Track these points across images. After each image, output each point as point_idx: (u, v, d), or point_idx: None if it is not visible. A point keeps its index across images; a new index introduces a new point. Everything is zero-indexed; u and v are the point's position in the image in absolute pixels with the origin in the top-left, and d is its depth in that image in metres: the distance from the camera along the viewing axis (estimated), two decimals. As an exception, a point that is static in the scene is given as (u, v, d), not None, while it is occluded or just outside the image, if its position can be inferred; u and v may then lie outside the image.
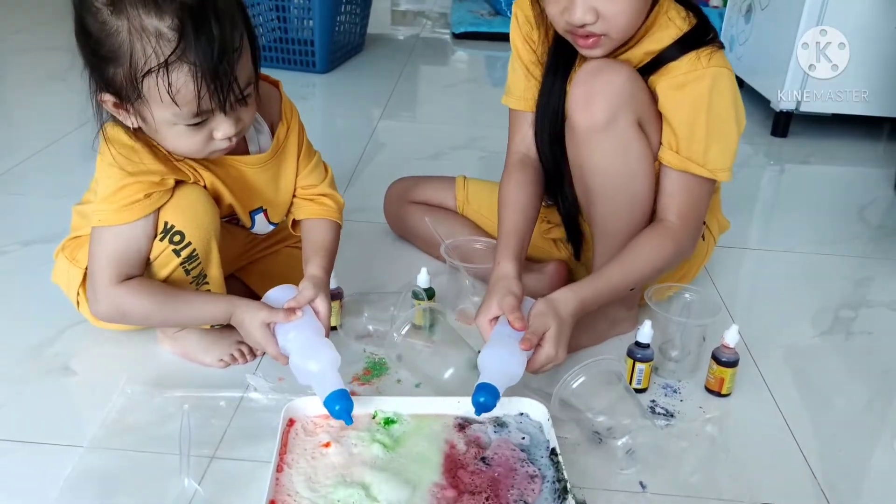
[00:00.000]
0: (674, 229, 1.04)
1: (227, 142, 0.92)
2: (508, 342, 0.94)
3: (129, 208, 0.93)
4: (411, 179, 1.46)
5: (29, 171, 1.73)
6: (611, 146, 1.02)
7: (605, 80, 1.00)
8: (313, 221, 1.11)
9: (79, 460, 0.88)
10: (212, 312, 0.99)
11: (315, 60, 2.62)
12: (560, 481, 0.84)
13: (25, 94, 2.34)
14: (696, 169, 1.03)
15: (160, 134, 0.91)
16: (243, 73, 0.88)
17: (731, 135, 1.04)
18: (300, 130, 1.09)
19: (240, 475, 0.88)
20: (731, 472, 0.92)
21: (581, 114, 1.02)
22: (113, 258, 0.94)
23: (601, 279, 1.02)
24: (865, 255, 1.56)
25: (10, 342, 1.10)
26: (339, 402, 0.88)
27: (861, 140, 2.25)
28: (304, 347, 0.93)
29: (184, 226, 0.96)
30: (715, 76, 0.99)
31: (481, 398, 0.89)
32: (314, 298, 0.98)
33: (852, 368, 1.17)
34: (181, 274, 0.99)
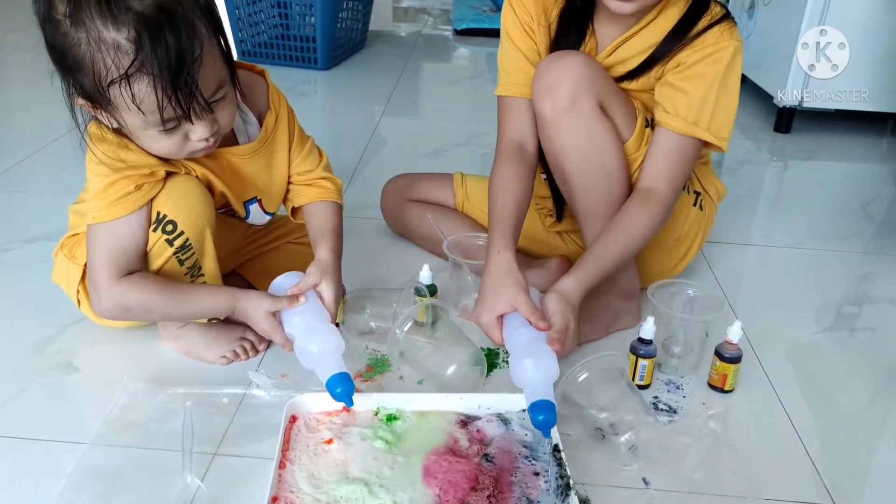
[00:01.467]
0: (662, 195, 1.08)
1: (203, 143, 0.92)
2: (537, 346, 0.93)
3: (122, 202, 0.93)
4: (408, 178, 1.45)
5: (30, 168, 1.73)
6: (576, 127, 1.06)
7: (563, 68, 1.05)
8: (314, 205, 1.11)
9: (81, 457, 0.88)
10: (214, 304, 0.99)
11: (317, 57, 2.62)
12: (563, 478, 0.84)
13: (25, 93, 2.34)
14: (702, 134, 1.07)
15: (136, 137, 0.91)
16: (210, 79, 0.87)
17: (734, 106, 1.10)
18: (290, 117, 1.09)
19: (242, 472, 0.88)
20: (734, 469, 0.92)
21: (546, 101, 1.06)
22: (111, 254, 0.94)
23: (600, 259, 1.05)
24: (869, 251, 1.56)
25: (12, 339, 1.11)
26: (340, 385, 0.89)
27: (864, 136, 2.24)
28: (307, 331, 0.94)
29: (176, 215, 0.95)
30: (735, 50, 1.06)
31: (540, 416, 0.86)
32: (319, 283, 0.98)
33: (855, 365, 1.17)
34: (175, 265, 0.98)
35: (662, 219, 1.09)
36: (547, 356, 0.92)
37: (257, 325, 0.97)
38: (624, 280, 1.17)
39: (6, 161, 1.75)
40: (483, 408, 0.95)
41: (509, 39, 1.17)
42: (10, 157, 1.77)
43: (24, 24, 3.07)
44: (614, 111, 1.08)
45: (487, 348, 1.12)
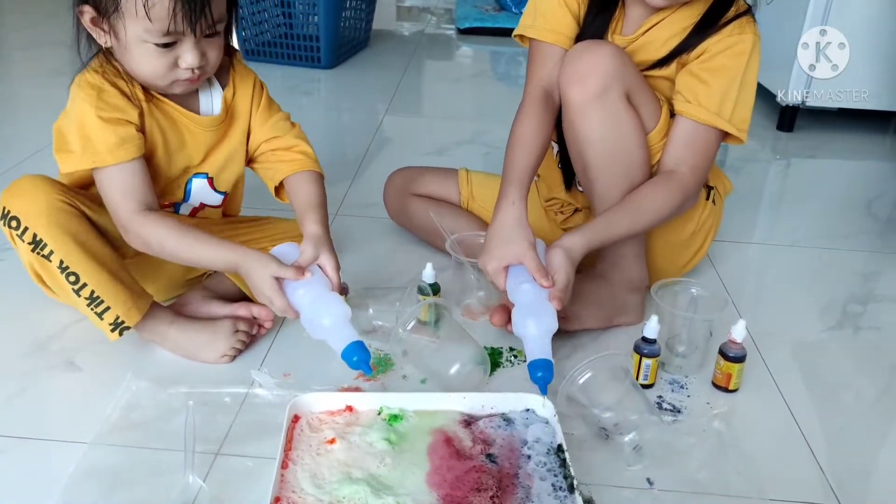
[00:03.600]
0: (684, 180, 1.10)
1: (189, 72, 0.96)
2: (539, 304, 0.98)
3: (123, 148, 0.97)
4: (412, 171, 1.45)
5: (33, 167, 1.72)
6: (603, 117, 1.07)
7: (595, 56, 1.06)
8: (294, 178, 1.11)
9: (83, 457, 0.88)
10: (222, 256, 0.99)
11: (320, 56, 2.62)
12: (566, 478, 0.83)
13: (29, 91, 2.34)
14: (723, 125, 1.09)
15: (129, 53, 0.95)
16: (218, 5, 0.93)
17: (752, 101, 1.11)
18: (254, 92, 1.11)
19: (244, 472, 0.88)
20: (738, 468, 0.91)
21: (575, 87, 1.07)
22: (127, 191, 0.98)
23: (608, 223, 1.07)
24: (874, 249, 1.55)
25: (15, 337, 1.10)
26: (356, 354, 0.90)
27: (868, 134, 2.23)
28: (315, 303, 0.94)
29: (20, 211, 0.98)
30: (755, 42, 1.09)
31: (539, 373, 0.94)
32: (317, 257, 0.99)
33: (860, 363, 1.16)
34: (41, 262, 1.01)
35: (681, 201, 1.10)
36: (548, 314, 0.98)
37: (260, 289, 0.96)
38: (632, 270, 1.17)
39: (10, 159, 1.75)
40: (486, 407, 0.94)
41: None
42: (13, 155, 1.77)
43: (28, 23, 3.08)
44: (640, 102, 1.09)
45: (491, 347, 1.11)
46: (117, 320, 1.01)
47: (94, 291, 1.00)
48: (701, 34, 1.09)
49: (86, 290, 1.00)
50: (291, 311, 0.96)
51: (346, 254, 1.10)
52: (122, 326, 1.02)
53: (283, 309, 0.96)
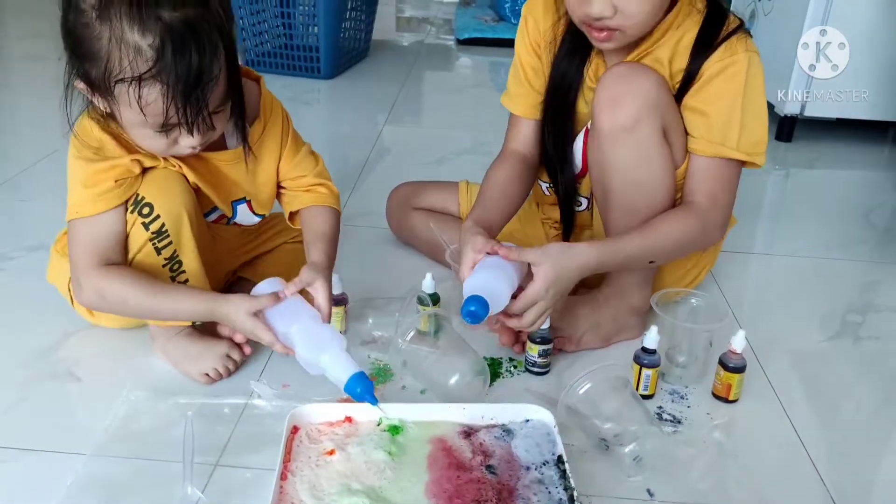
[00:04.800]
0: (702, 209, 1.05)
1: (190, 150, 0.93)
2: (491, 267, 0.96)
3: (103, 198, 0.94)
4: (413, 185, 1.46)
5: (35, 176, 1.73)
6: (634, 149, 1.03)
7: (634, 84, 1.02)
8: (310, 210, 1.11)
9: (82, 468, 0.88)
10: (192, 306, 0.97)
11: (320, 66, 2.63)
12: (567, 489, 0.83)
13: (31, 101, 2.35)
14: (729, 153, 1.04)
15: (127, 130, 0.93)
16: (216, 97, 0.89)
17: (764, 118, 1.06)
18: (283, 123, 1.09)
19: (243, 483, 0.87)
20: (739, 479, 0.91)
21: (607, 115, 1.03)
22: (91, 245, 0.95)
23: (621, 245, 1.03)
24: (873, 259, 1.55)
25: (14, 347, 1.10)
26: (359, 385, 0.89)
27: (866, 144, 2.24)
28: (309, 339, 0.93)
29: (154, 198, 0.96)
30: (750, 60, 1.02)
31: (472, 307, 0.91)
32: (312, 283, 0.98)
33: (860, 373, 1.16)
34: (151, 253, 0.98)
35: (700, 231, 1.06)
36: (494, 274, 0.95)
37: (241, 327, 0.96)
38: (635, 296, 1.15)
39: (11, 169, 1.75)
40: (486, 418, 0.94)
41: (518, 56, 1.17)
42: (14, 165, 1.78)
43: (31, 32, 3.09)
44: (674, 138, 1.05)
45: (490, 358, 1.11)
46: None
47: (187, 281, 1.02)
48: (700, 57, 1.03)
49: (181, 278, 1.02)
50: (279, 345, 0.95)
51: (346, 264, 1.10)
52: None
53: (270, 342, 0.95)
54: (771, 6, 2.28)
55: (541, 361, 1.08)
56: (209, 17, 0.85)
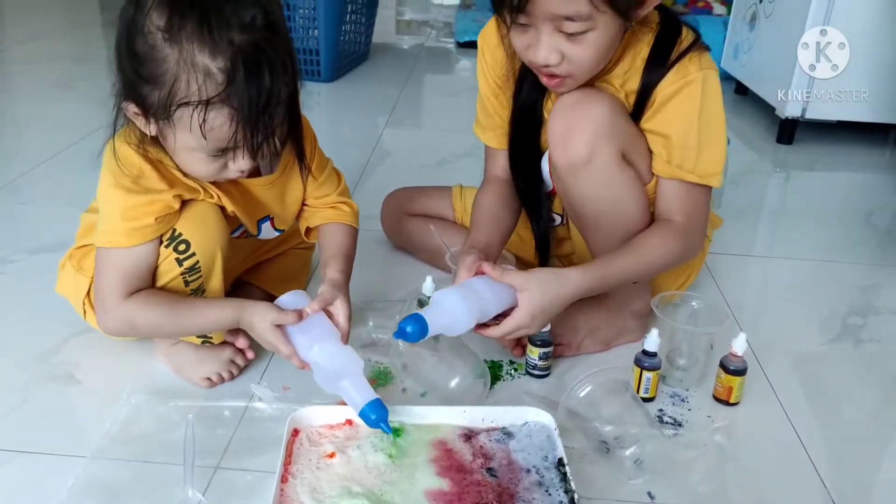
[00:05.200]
0: (681, 228, 1.04)
1: (239, 173, 0.91)
2: (469, 294, 0.93)
3: (140, 232, 0.92)
4: (406, 192, 1.45)
5: (36, 179, 1.73)
6: (594, 181, 1.02)
7: (584, 115, 0.99)
8: (330, 226, 1.11)
9: (82, 470, 0.88)
10: (220, 317, 0.97)
11: (320, 69, 2.63)
12: (567, 492, 0.83)
13: (33, 104, 2.35)
14: (686, 176, 1.02)
15: (176, 154, 0.90)
16: (280, 120, 0.87)
17: (721, 138, 1.03)
18: (312, 145, 1.08)
19: (244, 485, 0.87)
20: (739, 482, 0.91)
21: (560, 151, 1.02)
22: (122, 275, 0.93)
23: (610, 267, 1.01)
24: (873, 261, 1.55)
25: (14, 350, 1.10)
26: (375, 412, 0.87)
27: (867, 146, 2.24)
28: (330, 361, 0.91)
29: (191, 235, 0.95)
30: (705, 80, 0.98)
31: (408, 327, 0.88)
32: (333, 301, 0.97)
33: (861, 376, 1.16)
34: (179, 284, 0.97)
35: (682, 250, 1.04)
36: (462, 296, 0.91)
37: (261, 337, 0.95)
38: (636, 302, 1.15)
39: (11, 172, 1.75)
40: (486, 421, 0.94)
41: (480, 88, 1.16)
42: (15, 168, 1.78)
43: (32, 36, 3.10)
44: (636, 157, 1.03)
45: (491, 360, 1.11)
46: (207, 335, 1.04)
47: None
48: (654, 76, 1.00)
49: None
50: (297, 359, 0.93)
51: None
52: (208, 339, 1.04)
53: (288, 355, 0.94)
54: (772, 8, 2.29)
55: (541, 364, 1.08)
56: (278, 42, 0.83)
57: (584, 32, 0.91)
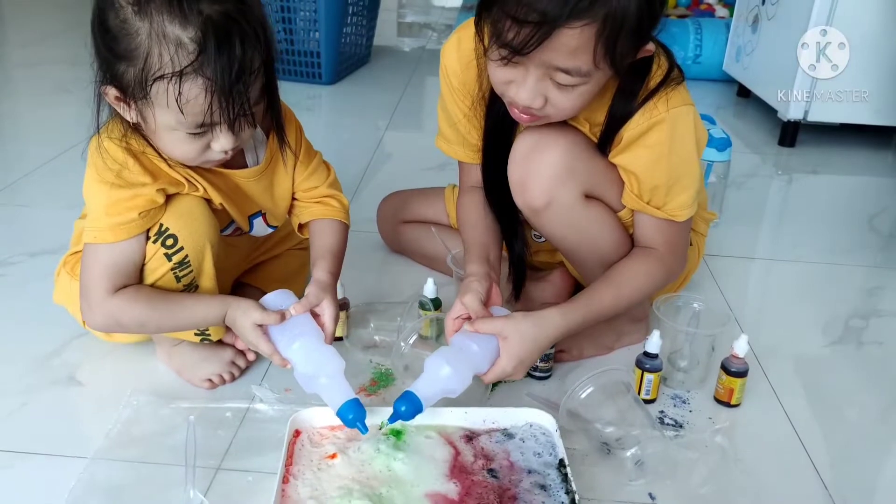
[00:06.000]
0: (663, 255, 1.04)
1: (222, 154, 0.91)
2: (458, 356, 0.91)
3: (125, 227, 0.92)
4: (399, 198, 1.44)
5: (36, 182, 1.74)
6: (558, 222, 1.03)
7: (540, 162, 0.98)
8: (319, 223, 1.10)
9: (84, 472, 0.88)
10: (206, 313, 0.96)
11: (321, 72, 2.63)
12: (568, 493, 0.83)
13: (32, 107, 2.35)
14: (653, 212, 1.01)
15: (157, 136, 0.90)
16: (255, 92, 0.87)
17: (692, 175, 1.01)
18: (297, 134, 1.08)
19: (245, 486, 0.87)
20: (741, 484, 0.91)
21: (519, 197, 1.03)
22: (107, 271, 0.93)
23: (591, 304, 0.99)
24: (876, 264, 1.55)
25: (16, 352, 1.10)
26: (352, 412, 0.87)
27: (869, 149, 2.24)
28: (309, 358, 0.91)
29: (178, 230, 0.95)
30: (674, 120, 0.95)
31: (402, 407, 0.87)
32: (319, 304, 0.96)
33: (863, 378, 1.16)
34: (171, 280, 0.97)
35: (665, 276, 1.04)
36: (455, 367, 0.89)
37: (243, 335, 0.95)
38: (636, 307, 1.13)
39: (12, 175, 1.76)
40: (488, 422, 0.94)
41: (444, 101, 1.12)
42: (15, 170, 1.78)
43: (31, 40, 3.10)
44: (603, 190, 1.02)
45: (492, 362, 1.11)
46: (205, 332, 1.03)
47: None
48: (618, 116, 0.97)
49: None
50: (278, 357, 0.93)
51: (348, 270, 1.10)
52: (206, 337, 1.04)
53: (269, 354, 0.93)
54: (774, 10, 2.29)
55: (542, 366, 1.08)
56: (249, 12, 0.84)
57: (576, 86, 0.88)
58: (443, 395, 0.90)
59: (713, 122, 1.68)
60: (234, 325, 0.95)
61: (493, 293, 1.01)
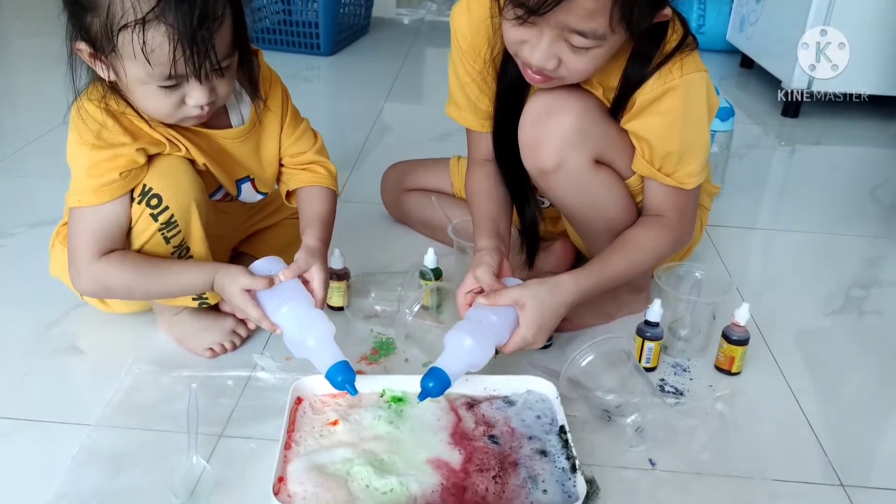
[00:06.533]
0: (672, 222, 1.03)
1: (198, 110, 0.90)
2: (479, 328, 0.91)
3: (107, 189, 0.92)
4: (404, 166, 1.44)
5: (34, 153, 1.73)
6: (567, 186, 1.02)
7: (551, 126, 0.98)
8: (307, 190, 1.09)
9: (86, 439, 0.88)
10: (195, 280, 0.96)
11: (319, 43, 2.61)
12: (569, 458, 0.83)
13: (29, 78, 2.33)
14: (665, 180, 1.00)
15: (132, 92, 0.90)
16: (222, 43, 0.87)
17: (702, 146, 1.01)
18: (283, 98, 1.07)
19: (248, 453, 0.88)
20: (740, 450, 0.91)
21: (529, 159, 1.02)
22: (93, 235, 0.94)
23: (604, 270, 0.99)
24: (878, 234, 1.54)
25: (17, 322, 1.11)
26: (341, 374, 0.87)
27: (872, 120, 2.22)
28: (298, 322, 0.91)
29: (162, 189, 0.94)
30: (688, 86, 0.94)
31: (430, 383, 0.86)
32: (308, 269, 0.96)
33: (863, 347, 1.16)
34: (160, 242, 0.96)
35: (674, 243, 1.04)
36: (476, 339, 0.89)
37: (232, 300, 0.94)
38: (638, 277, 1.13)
39: (11, 146, 1.74)
40: (489, 389, 0.95)
41: (455, 67, 1.10)
42: (14, 142, 1.77)
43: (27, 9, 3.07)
44: (613, 156, 1.01)
45: (493, 331, 1.11)
46: (203, 296, 1.02)
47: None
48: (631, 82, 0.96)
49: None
50: (267, 322, 0.93)
51: (348, 240, 1.10)
52: (204, 301, 1.03)
53: (258, 319, 0.93)
54: (776, -20, 2.26)
55: (543, 335, 1.08)
56: None
57: (590, 48, 0.87)
58: (467, 368, 0.89)
59: (717, 91, 1.66)
60: (222, 291, 0.95)
61: (503, 266, 1.01)
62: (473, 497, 0.79)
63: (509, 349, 0.94)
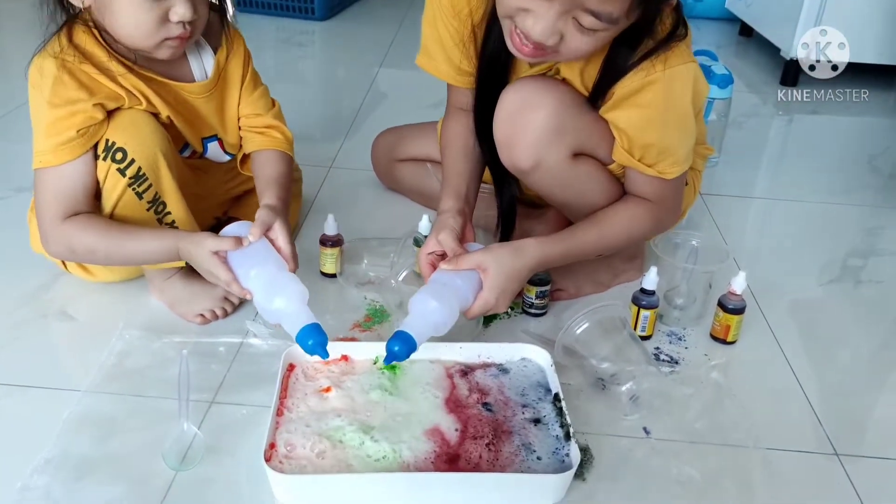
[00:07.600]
0: (652, 206, 1.01)
1: (180, 27, 0.89)
2: (443, 291, 0.89)
3: (66, 147, 0.91)
4: (393, 136, 1.40)
5: (21, 118, 1.69)
6: (546, 181, 1.00)
7: (526, 122, 0.95)
8: (263, 154, 1.08)
9: (77, 403, 0.87)
10: (159, 246, 0.94)
11: (314, 7, 2.56)
12: (563, 426, 0.83)
13: (18, 42, 2.29)
14: (644, 169, 0.97)
15: (111, 8, 0.88)
16: None
17: (685, 139, 0.98)
18: (245, 58, 1.07)
19: (240, 419, 0.87)
20: (735, 419, 0.91)
21: (506, 158, 1.00)
22: (57, 196, 0.93)
23: (572, 240, 0.98)
24: (876, 204, 1.53)
25: (6, 287, 1.09)
26: (311, 337, 0.83)
27: (871, 90, 2.19)
28: (268, 285, 0.88)
29: (125, 142, 0.93)
30: (670, 80, 0.90)
31: (395, 347, 0.84)
32: (271, 224, 0.94)
33: (860, 317, 1.16)
34: (133, 199, 0.95)
35: (652, 225, 1.02)
36: (440, 301, 0.87)
37: (200, 265, 0.93)
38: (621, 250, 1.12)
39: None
40: (482, 357, 0.94)
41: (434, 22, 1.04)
42: (2, 106, 1.74)
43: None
44: (593, 146, 0.98)
45: (487, 299, 1.10)
46: None
47: (174, 222, 1.00)
48: (610, 73, 0.93)
49: (168, 219, 0.99)
50: (237, 286, 0.90)
51: (341, 207, 1.09)
52: None
53: (227, 282, 0.90)
54: (779, -55, 2.21)
55: (538, 303, 1.07)
56: None
57: (598, 31, 0.83)
58: (433, 331, 0.88)
59: (715, 58, 1.64)
60: (189, 258, 0.93)
61: (466, 230, 1.00)
62: (467, 464, 0.79)
63: (473, 313, 0.92)
